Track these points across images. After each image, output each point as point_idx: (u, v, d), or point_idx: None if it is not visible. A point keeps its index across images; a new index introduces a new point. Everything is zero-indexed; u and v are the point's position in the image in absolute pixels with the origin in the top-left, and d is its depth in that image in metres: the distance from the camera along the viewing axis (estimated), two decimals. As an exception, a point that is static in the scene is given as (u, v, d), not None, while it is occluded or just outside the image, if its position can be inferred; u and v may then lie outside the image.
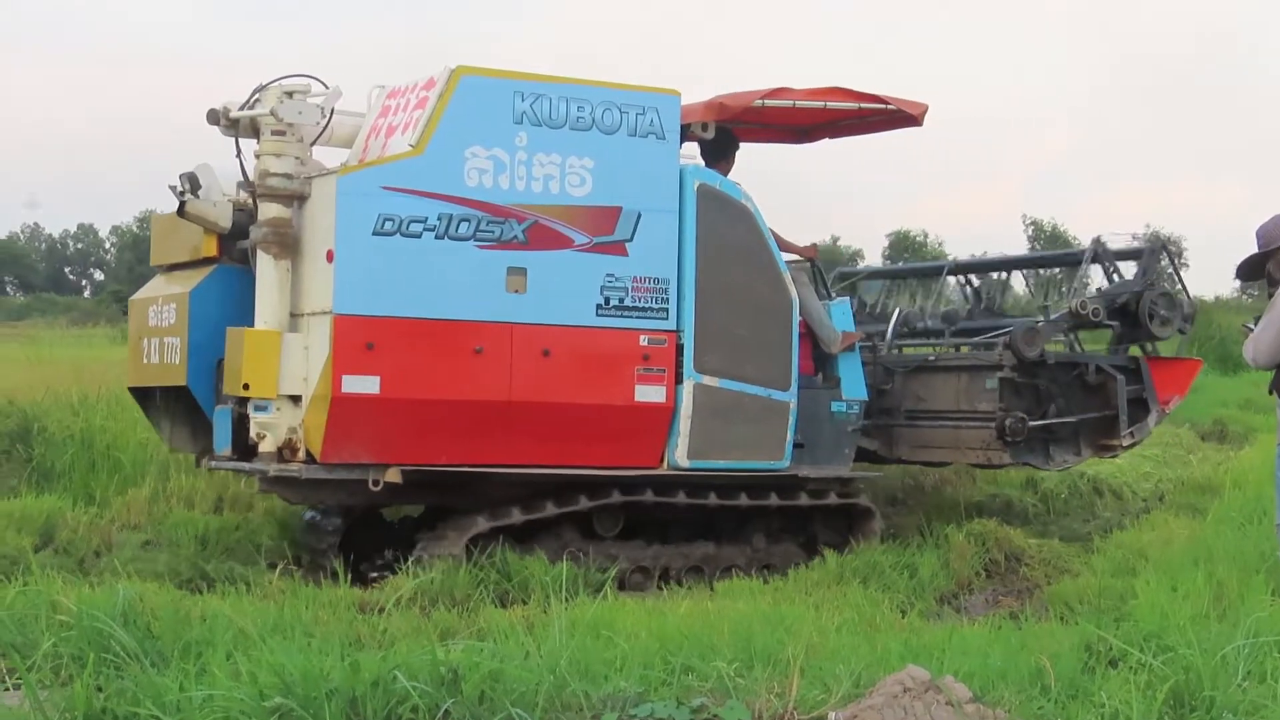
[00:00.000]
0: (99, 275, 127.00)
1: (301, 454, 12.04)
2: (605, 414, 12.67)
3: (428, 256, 11.89)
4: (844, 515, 13.98)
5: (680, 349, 12.85)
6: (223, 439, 12.56)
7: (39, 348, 22.77)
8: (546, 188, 12.31)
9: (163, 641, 8.07)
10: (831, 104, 14.13)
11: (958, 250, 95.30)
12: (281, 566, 11.99)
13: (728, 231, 13.05)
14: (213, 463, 12.87)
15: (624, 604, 9.89)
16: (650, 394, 12.77)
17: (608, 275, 12.57)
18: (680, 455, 12.89)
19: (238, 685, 6.61)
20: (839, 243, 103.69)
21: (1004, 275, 17.60)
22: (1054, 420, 14.81)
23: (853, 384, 14.05)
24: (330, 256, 11.77)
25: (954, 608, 12.15)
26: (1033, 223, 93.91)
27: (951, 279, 17.28)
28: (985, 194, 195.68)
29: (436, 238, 11.89)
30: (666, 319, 12.78)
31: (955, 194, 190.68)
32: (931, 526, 13.99)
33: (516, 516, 12.52)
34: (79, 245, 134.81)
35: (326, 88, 12.42)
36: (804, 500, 13.63)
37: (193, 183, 12.70)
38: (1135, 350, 15.31)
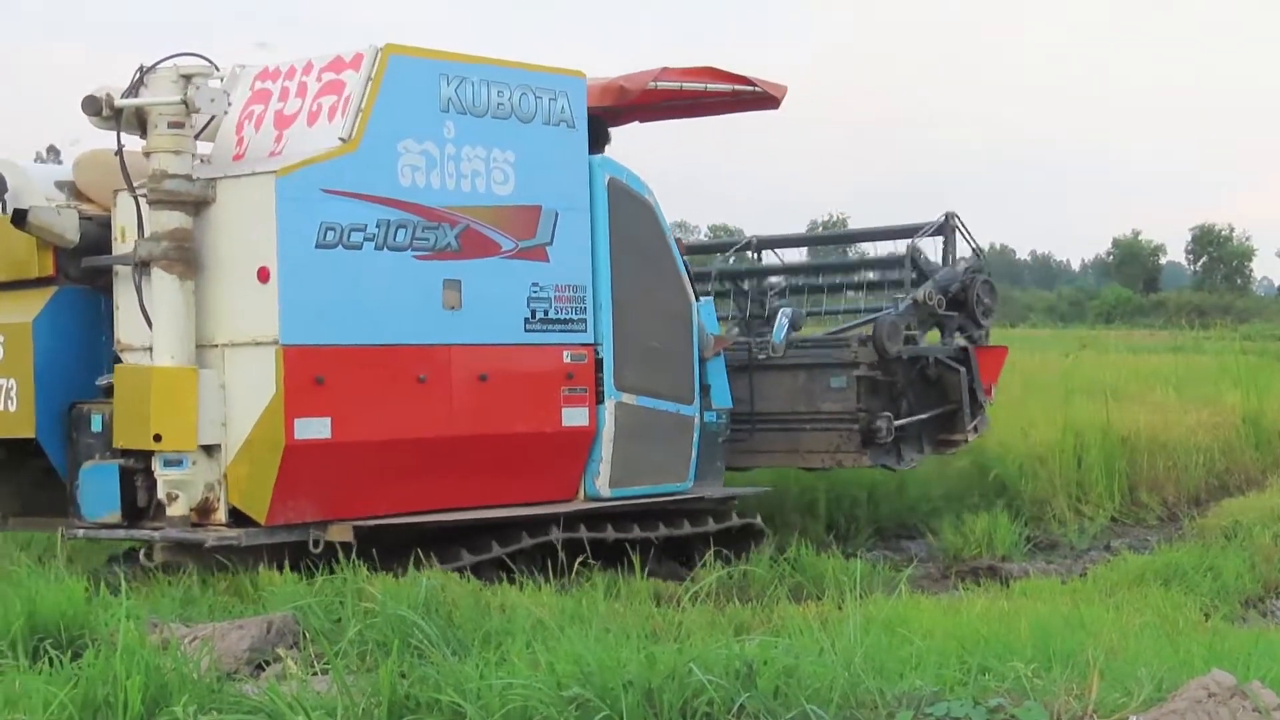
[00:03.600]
0: None
1: (220, 515, 10.28)
2: (534, 443, 11.38)
3: (368, 271, 10.41)
4: (732, 533, 12.91)
5: (599, 364, 11.67)
6: (106, 501, 10.54)
7: None
8: (474, 186, 10.96)
9: (463, 631, 8.24)
10: (712, 85, 13.50)
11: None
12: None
13: (635, 230, 11.98)
14: (81, 531, 10.69)
15: (918, 602, 9.79)
16: (575, 417, 11.55)
17: (533, 285, 11.29)
18: (601, 484, 11.70)
19: (536, 675, 6.69)
20: (1140, 236, 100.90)
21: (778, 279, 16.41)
22: (909, 419, 14.39)
23: (720, 392, 12.91)
24: (265, 275, 10.07)
25: (1260, 612, 11.81)
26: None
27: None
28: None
29: (376, 248, 10.42)
30: (585, 331, 11.58)
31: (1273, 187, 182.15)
32: (1235, 528, 13.62)
33: (467, 558, 10.93)
34: None
35: (217, 68, 10.67)
36: (710, 525, 12.59)
37: None
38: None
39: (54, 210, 10.72)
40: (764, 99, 13.93)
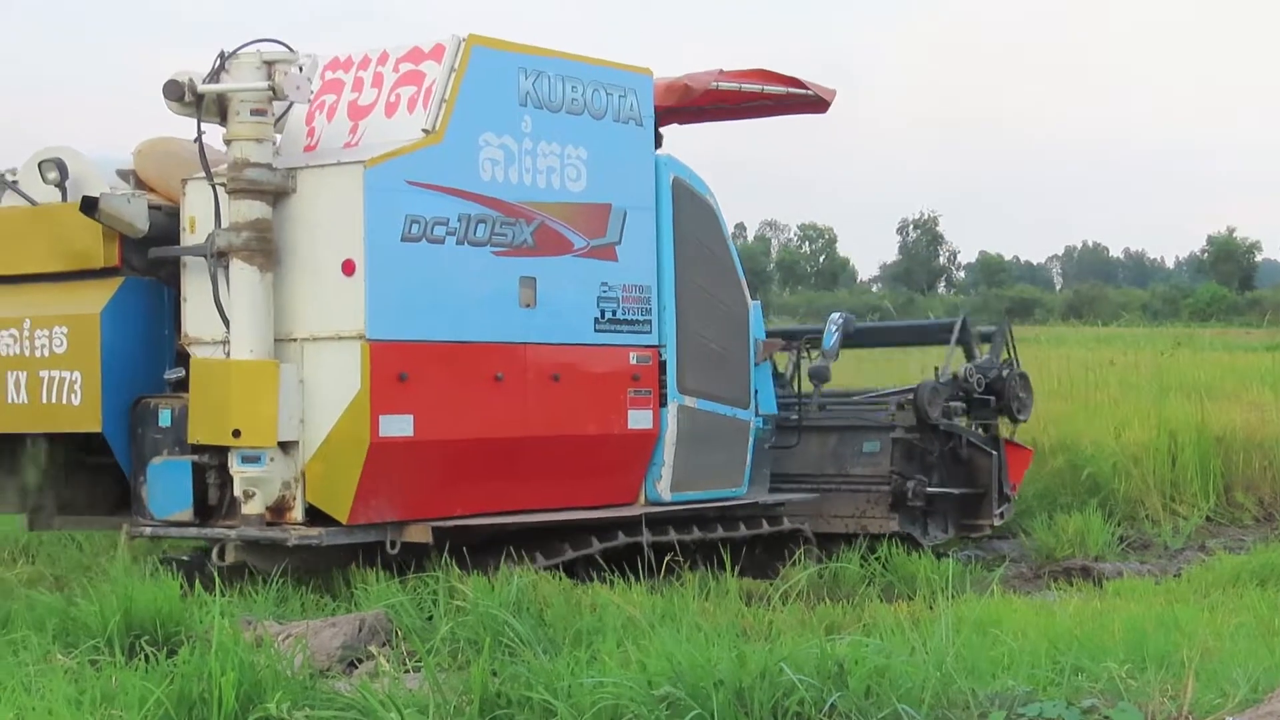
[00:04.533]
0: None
1: (296, 513, 10.01)
2: (601, 445, 11.20)
3: (450, 265, 10.24)
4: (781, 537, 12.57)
5: (663, 366, 11.47)
6: (177, 499, 10.25)
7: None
8: (550, 182, 10.83)
9: (554, 629, 8.26)
10: (768, 88, 13.22)
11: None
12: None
13: (697, 231, 11.83)
14: (149, 529, 10.45)
15: (1010, 602, 9.74)
16: (640, 419, 11.33)
17: (602, 284, 11.14)
18: (663, 488, 11.49)
19: (627, 673, 6.71)
20: (1235, 234, 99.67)
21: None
22: (941, 490, 14.01)
23: (767, 398, 12.60)
24: (350, 268, 9.87)
25: (1362, 614, 11.63)
26: None
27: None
28: None
29: (457, 243, 10.26)
30: (650, 333, 11.42)
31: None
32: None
33: (541, 561, 10.57)
34: None
35: (293, 53, 10.30)
36: (765, 528, 12.30)
37: (60, 170, 10.78)
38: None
39: (124, 198, 10.43)
40: (814, 103, 13.77)
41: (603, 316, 11.12)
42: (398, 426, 9.91)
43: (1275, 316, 41.63)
